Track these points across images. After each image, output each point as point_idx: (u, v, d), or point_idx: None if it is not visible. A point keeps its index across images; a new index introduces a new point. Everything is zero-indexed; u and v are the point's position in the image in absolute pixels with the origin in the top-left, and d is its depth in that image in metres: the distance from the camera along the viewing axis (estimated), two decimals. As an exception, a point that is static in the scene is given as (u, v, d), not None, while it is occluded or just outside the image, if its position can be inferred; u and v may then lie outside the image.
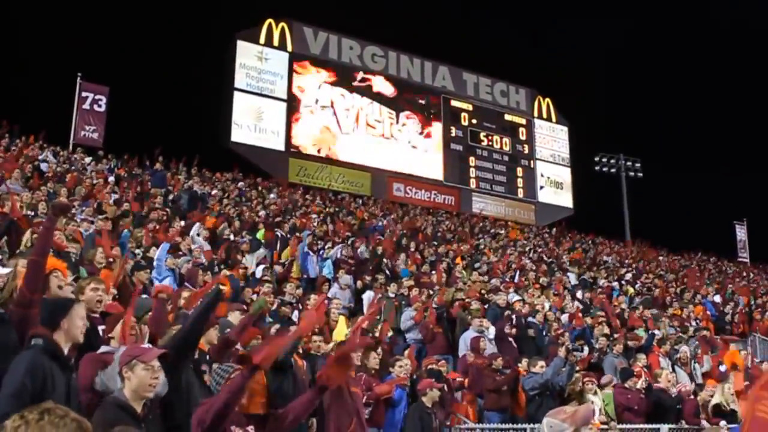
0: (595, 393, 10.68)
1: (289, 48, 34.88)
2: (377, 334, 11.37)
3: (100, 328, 5.94)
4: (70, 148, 25.39)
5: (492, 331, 12.65)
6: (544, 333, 13.87)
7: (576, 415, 3.70)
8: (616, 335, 14.24)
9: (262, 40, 34.27)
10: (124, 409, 4.21)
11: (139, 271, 9.76)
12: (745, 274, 33.77)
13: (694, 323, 18.22)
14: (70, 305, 4.69)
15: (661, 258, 33.01)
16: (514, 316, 13.69)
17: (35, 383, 4.15)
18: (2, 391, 4.12)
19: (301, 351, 8.49)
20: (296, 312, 11.01)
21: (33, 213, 11.66)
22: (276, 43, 34.61)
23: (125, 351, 4.48)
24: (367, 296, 14.14)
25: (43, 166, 19.25)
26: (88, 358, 4.85)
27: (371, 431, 7.94)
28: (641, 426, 10.55)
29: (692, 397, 11.48)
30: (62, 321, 4.53)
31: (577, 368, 10.91)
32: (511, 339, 12.72)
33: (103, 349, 5.01)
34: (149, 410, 4.38)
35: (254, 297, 10.76)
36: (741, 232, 44.40)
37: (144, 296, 7.97)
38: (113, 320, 5.73)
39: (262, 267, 14.11)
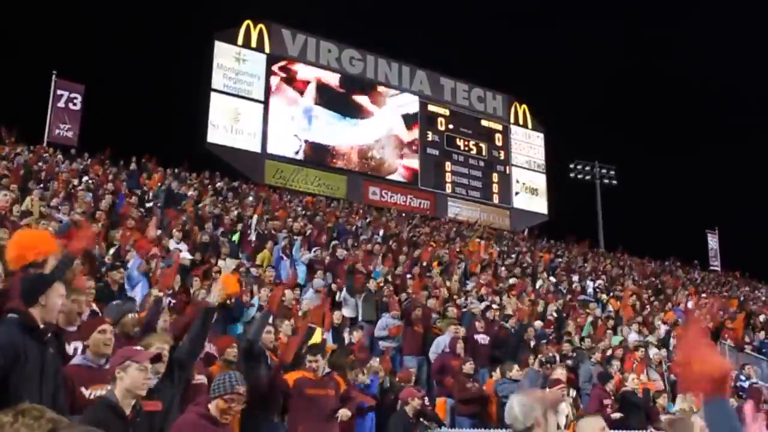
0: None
1: (267, 50, 34.79)
2: (353, 340, 11.42)
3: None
4: (44, 146, 25.10)
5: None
6: (518, 338, 13.85)
7: (545, 399, 3.71)
8: (596, 344, 14.29)
9: (240, 41, 34.16)
10: (113, 409, 4.32)
11: (112, 271, 9.74)
12: (716, 282, 34.09)
13: (663, 329, 18.28)
14: (49, 282, 4.76)
15: (634, 265, 33.21)
16: (485, 322, 13.71)
17: (6, 357, 4.26)
18: None
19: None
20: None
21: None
22: (254, 44, 34.51)
23: (118, 353, 4.65)
24: (343, 295, 14.11)
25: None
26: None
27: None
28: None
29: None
30: (40, 297, 4.60)
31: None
32: (483, 345, 12.74)
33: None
34: (137, 413, 4.48)
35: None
36: (713, 241, 44.88)
37: (117, 302, 7.89)
38: (87, 328, 5.71)
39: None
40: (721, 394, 2.20)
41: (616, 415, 10.54)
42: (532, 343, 13.03)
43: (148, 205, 18.23)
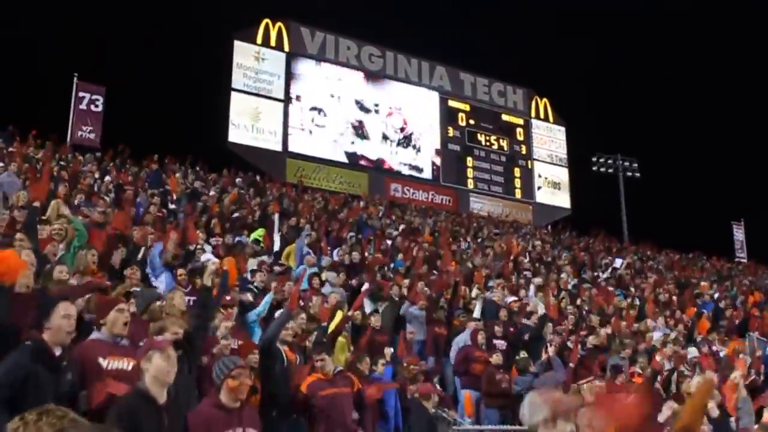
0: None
1: (286, 48, 34.83)
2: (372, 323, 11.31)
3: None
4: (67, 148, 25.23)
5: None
6: (537, 332, 13.68)
7: (559, 404, 3.59)
8: (626, 340, 14.08)
9: (259, 40, 34.22)
10: (145, 397, 4.49)
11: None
12: (743, 273, 33.74)
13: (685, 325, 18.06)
14: (52, 306, 4.86)
15: (661, 257, 32.97)
16: (507, 317, 13.58)
17: (14, 382, 4.37)
18: None
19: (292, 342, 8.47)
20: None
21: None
22: (273, 43, 34.56)
23: (142, 347, 4.87)
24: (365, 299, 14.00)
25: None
26: None
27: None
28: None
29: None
30: (45, 322, 4.74)
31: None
32: (503, 341, 12.58)
33: None
34: (171, 398, 4.66)
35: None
36: (738, 232, 44.47)
37: (139, 290, 7.90)
38: (105, 306, 5.66)
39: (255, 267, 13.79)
40: None
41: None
42: (550, 338, 12.85)
43: (171, 206, 18.23)
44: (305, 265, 14.55)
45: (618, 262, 23.73)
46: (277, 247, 16.67)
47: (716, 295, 22.82)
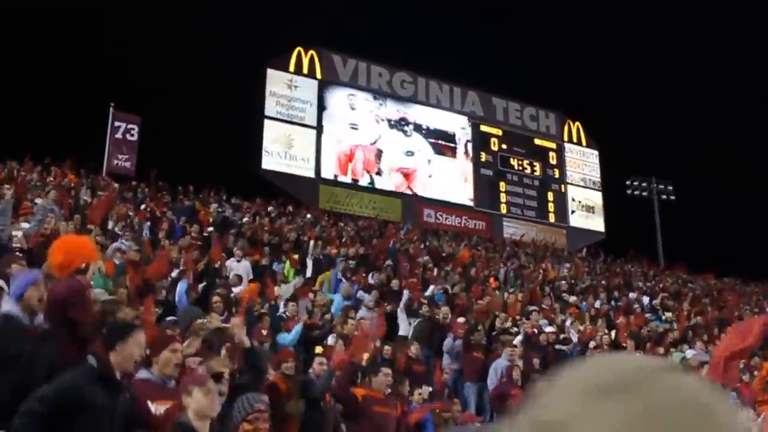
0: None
1: (319, 75, 35.09)
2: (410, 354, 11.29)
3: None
4: (104, 176, 25.58)
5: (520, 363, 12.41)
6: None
7: None
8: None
9: (291, 68, 34.52)
10: (189, 430, 4.49)
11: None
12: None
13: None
14: (129, 331, 4.87)
15: (698, 282, 32.55)
16: (542, 345, 13.50)
17: (66, 397, 4.36)
18: (36, 392, 4.38)
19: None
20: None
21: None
22: (305, 70, 34.84)
23: (183, 381, 4.85)
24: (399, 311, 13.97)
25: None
26: None
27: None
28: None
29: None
30: (117, 345, 4.70)
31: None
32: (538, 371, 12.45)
33: None
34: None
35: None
36: (777, 255, 43.77)
37: (185, 307, 7.97)
38: (159, 344, 5.70)
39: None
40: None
41: None
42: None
43: (205, 234, 18.36)
44: (341, 294, 14.59)
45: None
46: (309, 272, 16.75)
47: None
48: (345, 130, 35.09)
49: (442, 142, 37.59)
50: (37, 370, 5.08)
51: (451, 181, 37.08)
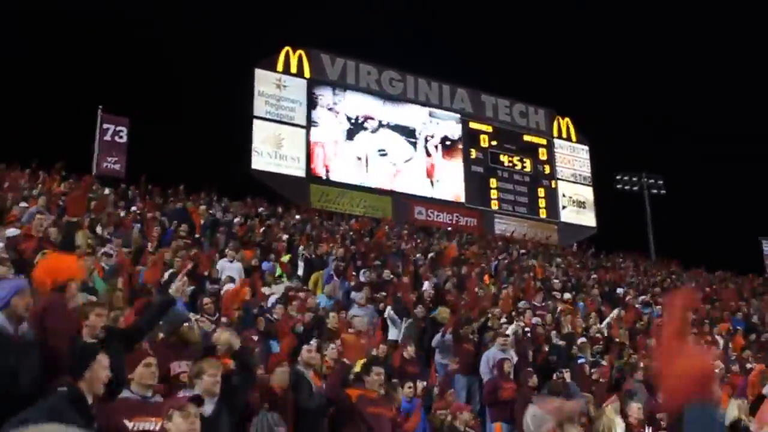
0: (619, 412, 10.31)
1: (307, 74, 35.03)
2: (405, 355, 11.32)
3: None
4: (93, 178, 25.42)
5: (513, 354, 12.42)
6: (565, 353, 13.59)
7: (562, 409, 3.57)
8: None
9: (279, 67, 34.43)
10: None
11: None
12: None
13: (722, 341, 17.85)
14: (93, 355, 4.94)
15: (688, 274, 32.62)
16: (534, 338, 13.54)
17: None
18: (19, 417, 4.32)
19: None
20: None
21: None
22: (294, 70, 34.76)
23: (165, 405, 4.85)
24: (389, 314, 13.95)
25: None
26: None
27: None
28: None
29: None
30: (85, 372, 4.81)
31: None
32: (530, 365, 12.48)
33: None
34: None
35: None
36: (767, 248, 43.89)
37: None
38: (132, 361, 5.74)
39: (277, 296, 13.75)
40: (705, 397, 1.97)
41: None
42: (580, 360, 12.78)
43: (197, 236, 18.30)
44: (325, 293, 14.62)
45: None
46: (300, 271, 16.74)
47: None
48: (331, 129, 35.04)
49: (428, 140, 37.58)
50: (21, 379, 5.09)
51: (442, 178, 37.08)
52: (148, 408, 5.27)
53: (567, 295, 20.05)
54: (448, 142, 37.96)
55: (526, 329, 14.61)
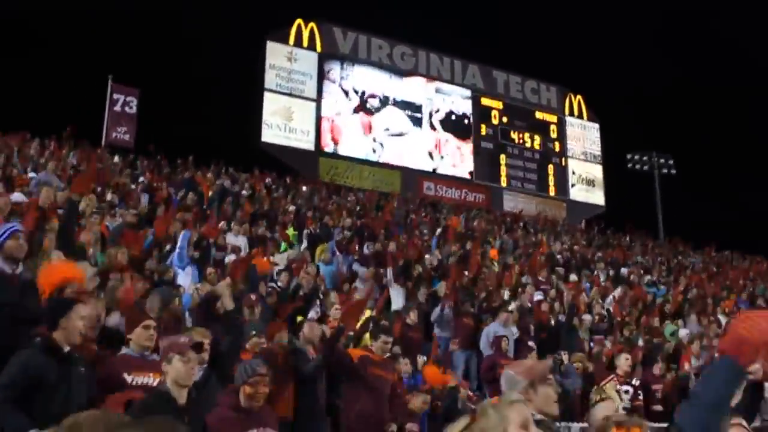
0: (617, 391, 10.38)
1: (318, 48, 34.96)
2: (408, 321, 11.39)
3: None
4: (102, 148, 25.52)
5: (515, 330, 12.47)
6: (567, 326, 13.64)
7: (532, 370, 3.72)
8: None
9: (291, 40, 34.38)
10: (166, 398, 4.57)
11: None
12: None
13: (724, 319, 17.85)
14: (70, 306, 5.03)
15: (695, 257, 32.57)
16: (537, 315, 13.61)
17: (27, 379, 4.59)
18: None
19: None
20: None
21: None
22: (305, 43, 34.70)
23: (165, 346, 4.87)
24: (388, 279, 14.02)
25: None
26: None
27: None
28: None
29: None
30: (61, 320, 4.91)
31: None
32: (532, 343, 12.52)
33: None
34: (193, 401, 4.73)
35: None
36: (777, 228, 43.74)
37: (158, 288, 8.00)
38: (131, 322, 5.87)
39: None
40: (742, 356, 2.07)
41: None
42: (581, 334, 12.86)
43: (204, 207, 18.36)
44: (322, 261, 14.70)
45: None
46: (305, 244, 16.82)
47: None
48: (340, 102, 35.02)
49: (439, 117, 37.53)
50: (21, 317, 5.28)
51: (449, 153, 37.07)
52: (146, 364, 5.50)
53: (573, 277, 20.04)
54: (453, 117, 37.84)
55: (529, 305, 14.65)
